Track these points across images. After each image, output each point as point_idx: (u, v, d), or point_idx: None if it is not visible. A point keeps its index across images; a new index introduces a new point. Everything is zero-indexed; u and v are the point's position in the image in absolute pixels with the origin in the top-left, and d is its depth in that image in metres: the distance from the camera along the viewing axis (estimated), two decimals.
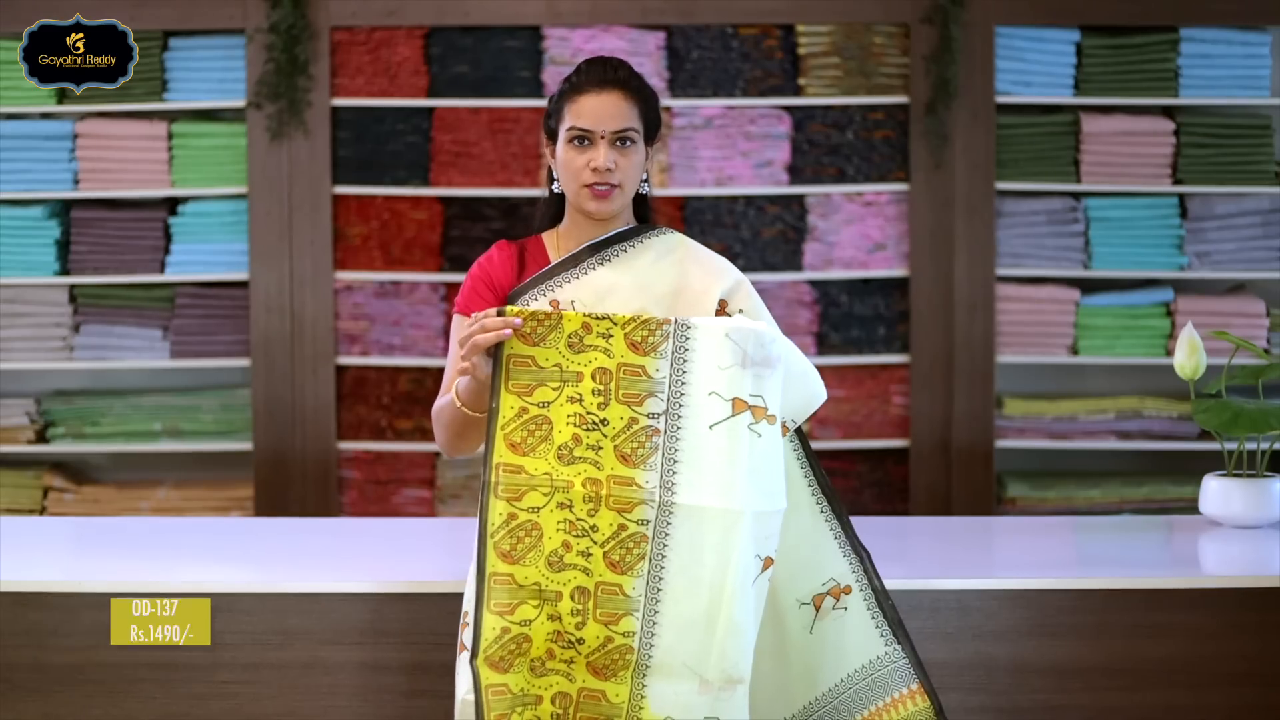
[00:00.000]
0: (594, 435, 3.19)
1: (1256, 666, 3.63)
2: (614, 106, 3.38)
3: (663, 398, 3.20)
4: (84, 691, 3.68)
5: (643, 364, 3.20)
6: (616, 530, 3.17)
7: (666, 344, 3.20)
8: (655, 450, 3.18)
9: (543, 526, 3.17)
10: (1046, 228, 6.25)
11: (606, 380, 3.20)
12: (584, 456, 3.18)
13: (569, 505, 3.17)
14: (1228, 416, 4.07)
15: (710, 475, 3.18)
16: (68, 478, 6.31)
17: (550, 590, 3.16)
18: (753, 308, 3.41)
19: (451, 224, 6.27)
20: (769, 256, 6.24)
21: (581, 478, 3.18)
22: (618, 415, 3.19)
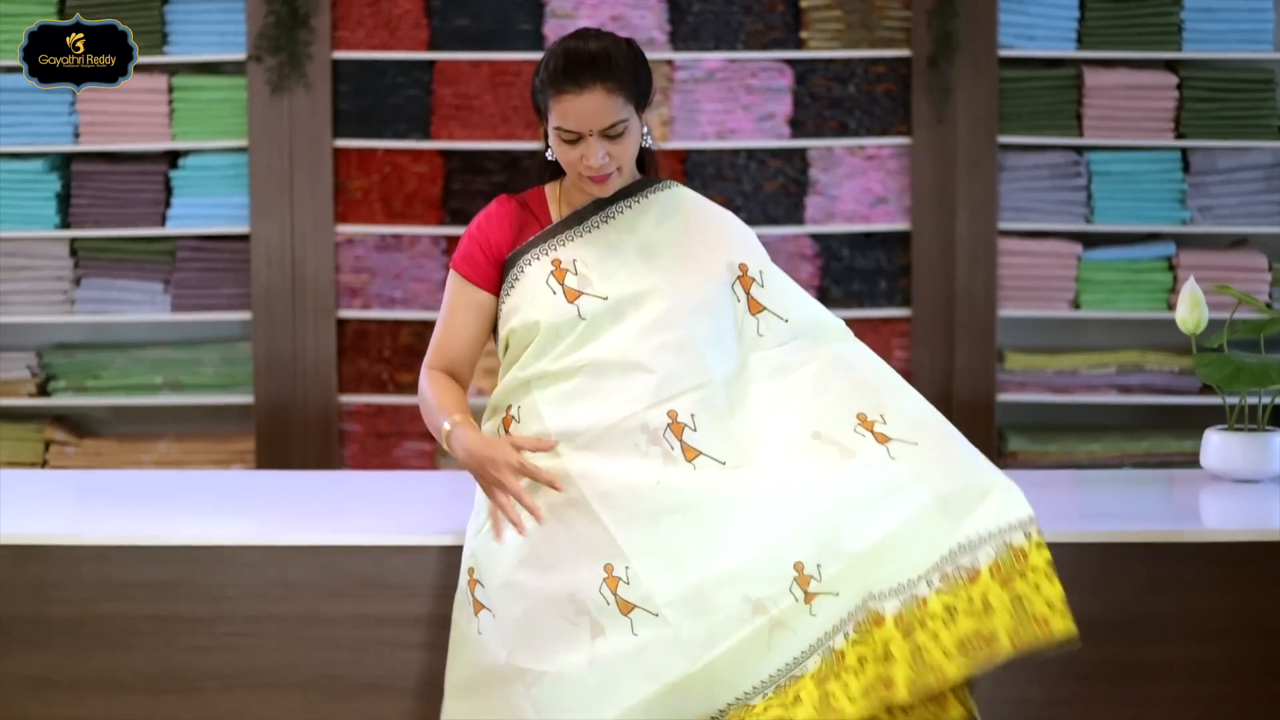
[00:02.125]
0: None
1: (1256, 620, 3.63)
2: (598, 104, 3.27)
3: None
4: (85, 644, 3.68)
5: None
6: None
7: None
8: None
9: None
10: (1048, 182, 6.24)
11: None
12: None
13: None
14: (1229, 371, 4.07)
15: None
16: (69, 431, 6.32)
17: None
18: (767, 265, 3.42)
19: (453, 177, 6.26)
20: (770, 210, 6.23)
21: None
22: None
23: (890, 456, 3.27)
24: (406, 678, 3.65)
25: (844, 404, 3.33)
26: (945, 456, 3.28)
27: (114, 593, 3.67)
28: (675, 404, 3.29)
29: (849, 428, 3.31)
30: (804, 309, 3.44)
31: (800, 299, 3.44)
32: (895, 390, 3.37)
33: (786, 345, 3.38)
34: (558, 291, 3.34)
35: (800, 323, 3.40)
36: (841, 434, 3.30)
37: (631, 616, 3.23)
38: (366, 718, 3.66)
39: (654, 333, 3.32)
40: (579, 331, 3.33)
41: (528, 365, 3.35)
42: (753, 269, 3.39)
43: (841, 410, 3.32)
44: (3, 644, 3.68)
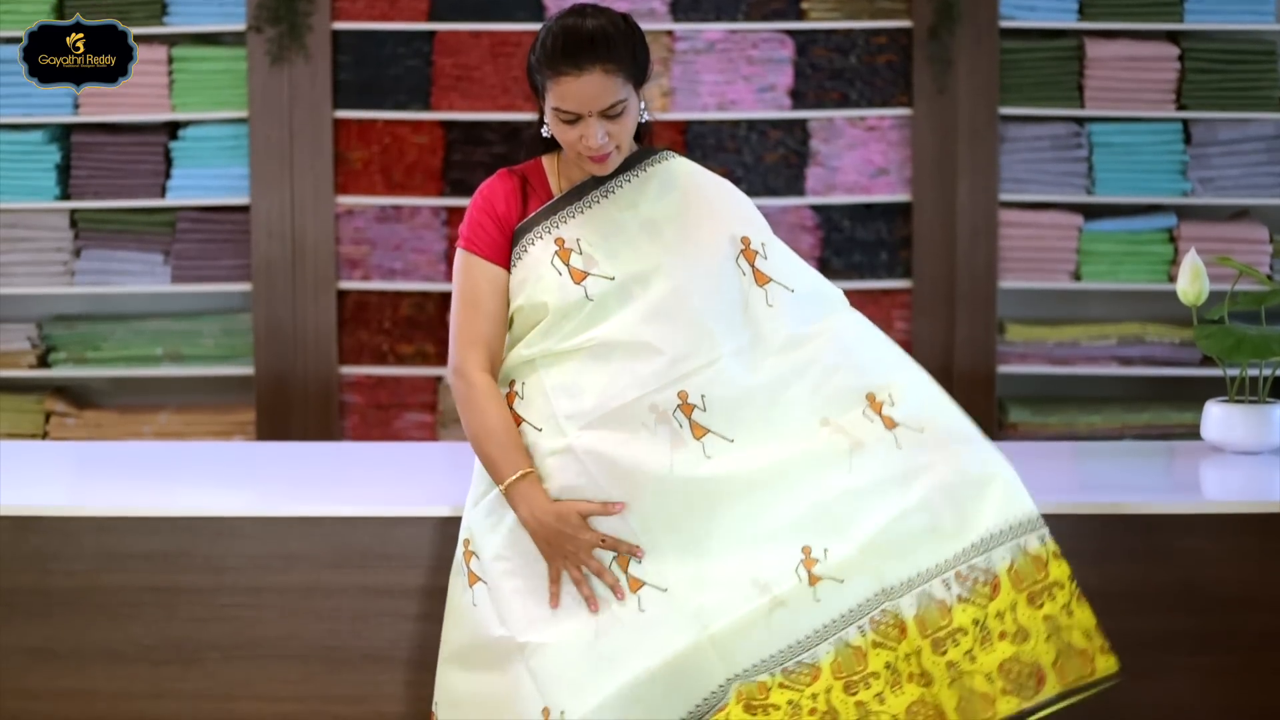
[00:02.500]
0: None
1: (1256, 592, 3.64)
2: (596, 86, 3.22)
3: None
4: (85, 615, 3.69)
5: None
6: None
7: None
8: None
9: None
10: (1050, 153, 6.23)
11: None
12: None
13: None
14: (1230, 342, 4.07)
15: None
16: (69, 402, 6.32)
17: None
18: (769, 236, 3.41)
19: (453, 148, 6.25)
20: (771, 181, 6.22)
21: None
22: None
23: (897, 445, 3.28)
24: (407, 648, 3.65)
25: (854, 382, 3.32)
26: (951, 444, 3.28)
27: (114, 564, 3.68)
28: (685, 384, 3.28)
29: (858, 410, 3.31)
30: (810, 277, 3.43)
31: (802, 269, 3.43)
32: (903, 366, 3.37)
33: (797, 314, 3.37)
34: (563, 272, 3.32)
35: (806, 292, 3.39)
36: (850, 418, 3.30)
37: (640, 594, 3.23)
38: (367, 688, 3.66)
39: (662, 312, 3.30)
40: (586, 312, 3.31)
41: (534, 344, 3.34)
42: (755, 241, 3.37)
43: (851, 390, 3.32)
44: (3, 615, 3.69)
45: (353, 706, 3.68)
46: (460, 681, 3.33)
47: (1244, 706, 3.66)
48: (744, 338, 3.34)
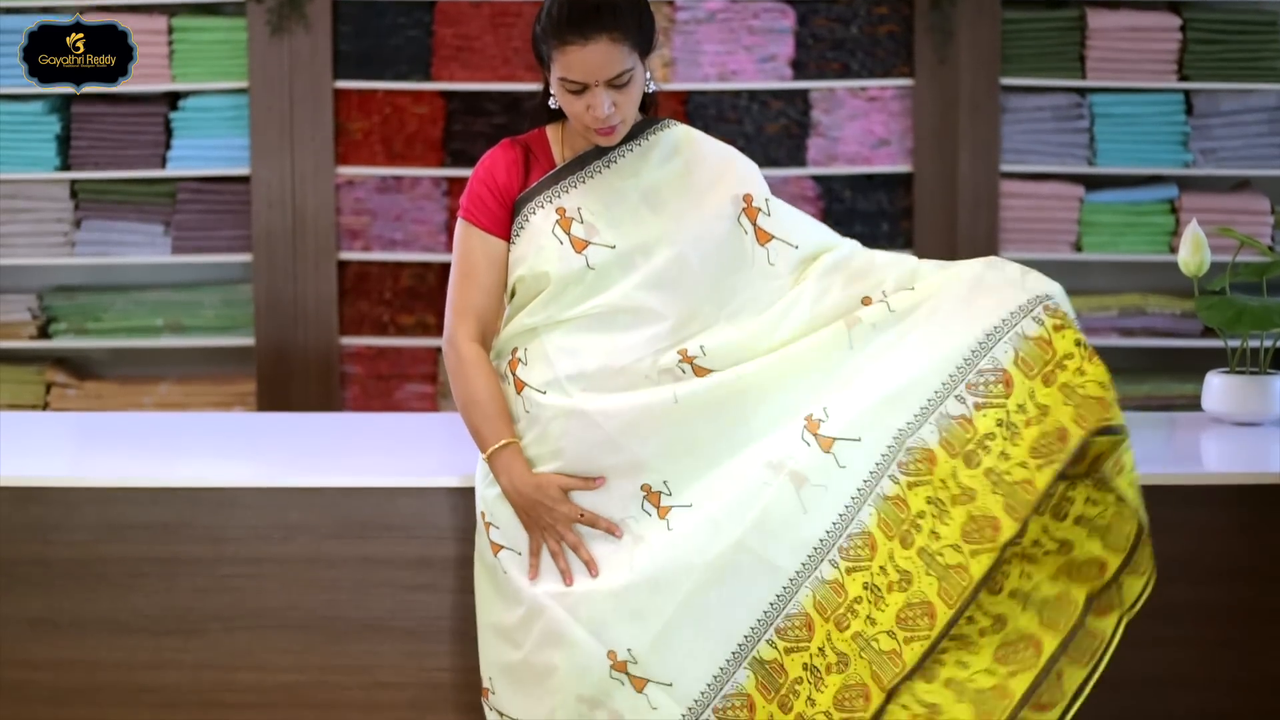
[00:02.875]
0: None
1: (1256, 563, 3.64)
2: (603, 55, 3.20)
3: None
4: (87, 586, 3.69)
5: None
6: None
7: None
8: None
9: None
10: (1051, 124, 6.22)
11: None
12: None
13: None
14: (1231, 314, 4.07)
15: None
16: (70, 373, 6.32)
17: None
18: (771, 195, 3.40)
19: (454, 119, 6.24)
20: (772, 152, 6.21)
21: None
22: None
23: (891, 309, 3.30)
24: (408, 619, 3.66)
25: (846, 293, 3.35)
26: (943, 286, 3.31)
27: (115, 535, 3.68)
28: (685, 344, 3.30)
29: (853, 307, 3.33)
30: (815, 232, 3.42)
31: (807, 225, 3.43)
32: (896, 263, 3.39)
33: (798, 272, 3.37)
34: (564, 241, 3.32)
35: (810, 248, 3.39)
36: (848, 310, 3.33)
37: (668, 518, 3.25)
38: (368, 659, 3.67)
39: (664, 280, 3.31)
40: (588, 281, 3.31)
41: (536, 313, 3.33)
42: (757, 199, 3.37)
43: (845, 298, 3.34)
44: (5, 585, 3.69)
45: (354, 676, 3.68)
46: (510, 652, 3.31)
47: (1245, 678, 3.66)
48: (745, 297, 3.35)
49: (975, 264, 3.35)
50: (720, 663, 3.22)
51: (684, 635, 3.21)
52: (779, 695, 3.22)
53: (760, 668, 3.22)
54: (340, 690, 3.69)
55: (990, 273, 3.31)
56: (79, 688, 3.70)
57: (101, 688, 3.70)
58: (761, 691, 3.22)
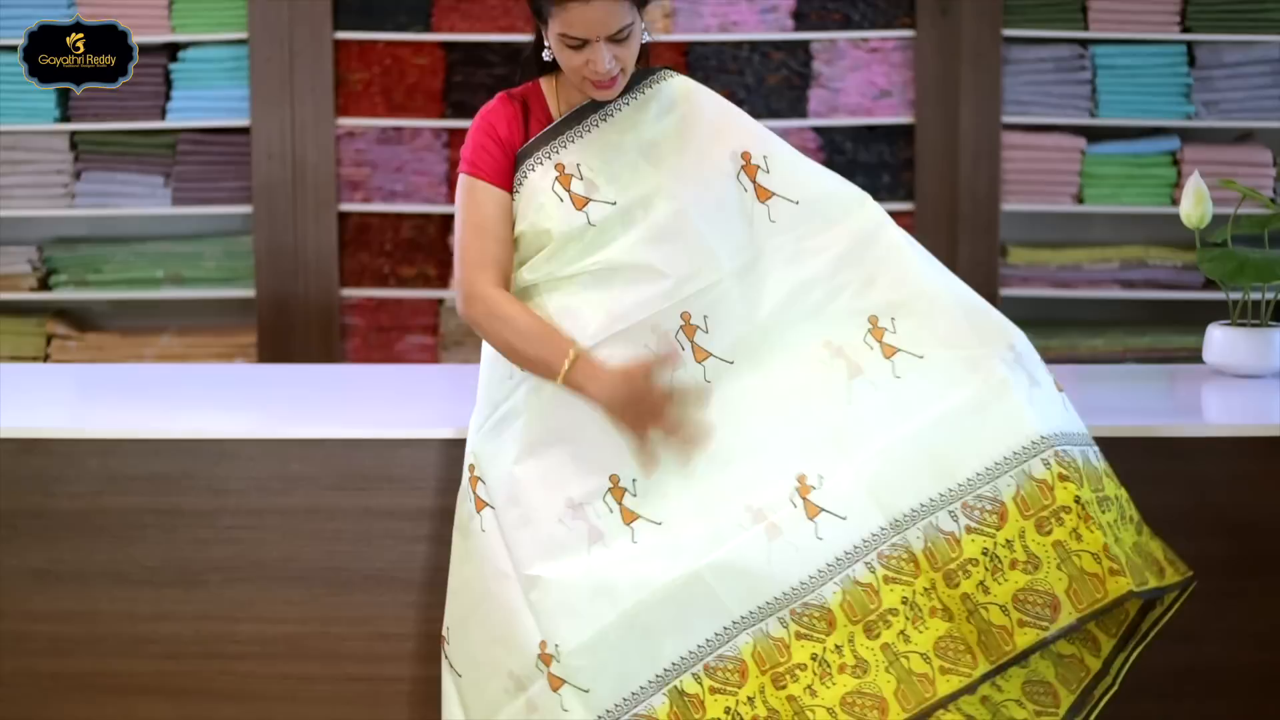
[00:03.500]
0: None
1: (1257, 516, 3.64)
2: (605, 11, 3.15)
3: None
4: (88, 537, 3.69)
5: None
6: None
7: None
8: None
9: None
10: (1053, 75, 6.20)
11: None
12: None
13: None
14: (1233, 266, 4.06)
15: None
16: (71, 325, 6.32)
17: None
18: (772, 148, 3.37)
19: (454, 70, 6.23)
20: (773, 103, 6.20)
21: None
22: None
23: (895, 374, 3.26)
24: (409, 570, 3.66)
25: (857, 303, 3.30)
26: (951, 371, 3.25)
27: (117, 486, 3.68)
28: (688, 305, 3.28)
29: (859, 335, 3.29)
30: (816, 185, 3.38)
31: (811, 175, 3.39)
32: (908, 278, 3.32)
33: (801, 228, 3.34)
34: (565, 199, 3.30)
35: (813, 201, 3.35)
36: (851, 343, 3.29)
37: (634, 526, 3.24)
38: (369, 610, 3.68)
39: (664, 234, 3.28)
40: (589, 238, 3.29)
41: (537, 269, 3.31)
42: (755, 155, 3.35)
43: (854, 312, 3.30)
44: (7, 537, 3.70)
45: (355, 628, 3.69)
46: (466, 607, 3.34)
47: (1246, 630, 3.67)
48: (747, 255, 3.32)
49: (998, 366, 3.25)
50: (641, 682, 3.20)
51: (613, 647, 3.19)
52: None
53: (679, 698, 3.20)
54: (341, 641, 3.69)
55: (1014, 389, 3.23)
56: (80, 639, 3.71)
57: (102, 639, 3.71)
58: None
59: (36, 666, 3.72)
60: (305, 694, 3.71)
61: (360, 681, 3.70)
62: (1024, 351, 3.27)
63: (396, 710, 3.70)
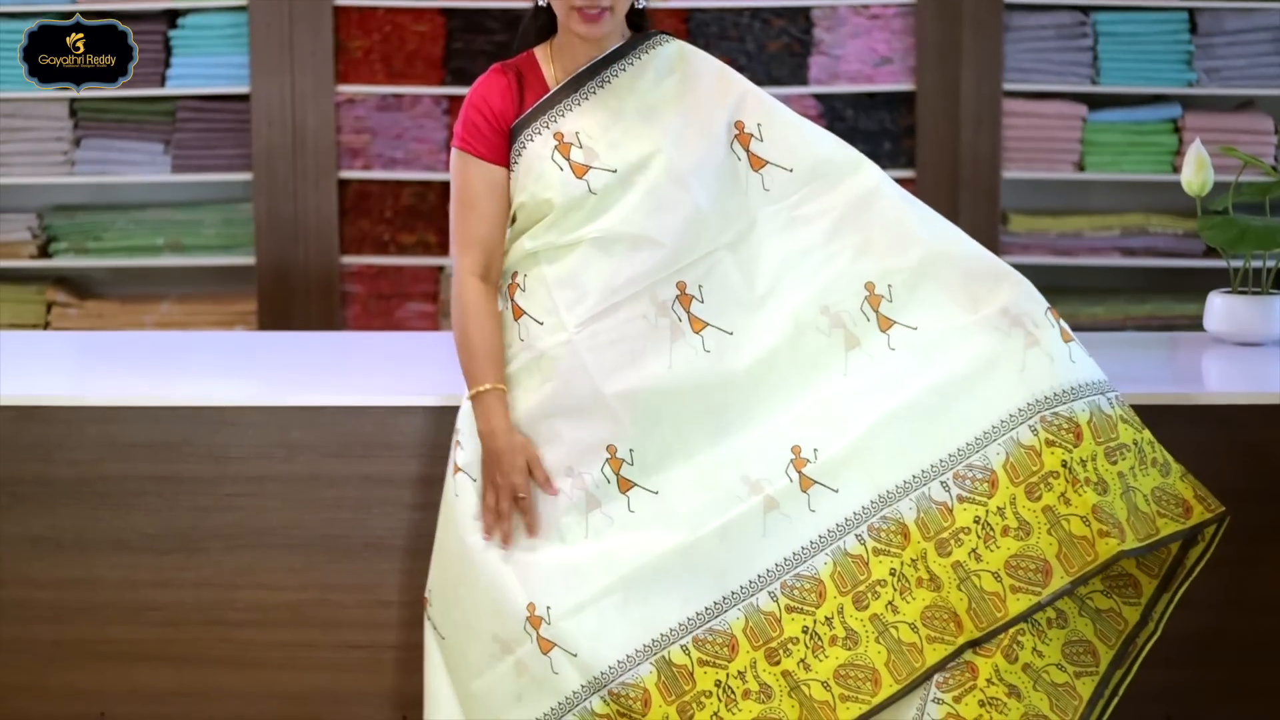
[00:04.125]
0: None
1: (1257, 483, 3.64)
2: None
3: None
4: (89, 504, 3.70)
5: None
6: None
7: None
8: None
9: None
10: (1054, 42, 6.19)
11: None
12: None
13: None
14: (1234, 233, 4.06)
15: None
16: (71, 292, 6.31)
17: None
18: (767, 115, 3.37)
19: (454, 36, 6.21)
20: (774, 70, 6.19)
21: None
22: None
23: (890, 347, 3.27)
24: (408, 537, 3.67)
25: (854, 270, 3.31)
26: (946, 339, 3.26)
27: (117, 453, 3.69)
28: (684, 275, 3.28)
29: (856, 303, 3.29)
30: (811, 151, 3.38)
31: (807, 140, 3.38)
32: (904, 243, 3.33)
33: (796, 195, 3.34)
34: (565, 167, 3.30)
35: (808, 168, 3.35)
36: (849, 310, 3.29)
37: (630, 494, 3.24)
38: (368, 577, 3.68)
39: (661, 201, 3.28)
40: (590, 206, 3.29)
41: (538, 236, 3.31)
42: (749, 124, 3.35)
43: (851, 278, 3.30)
44: (8, 504, 3.70)
45: (354, 595, 3.70)
46: (448, 571, 3.34)
47: (1244, 598, 3.68)
48: (742, 224, 3.33)
49: (988, 335, 3.26)
50: (630, 650, 3.21)
51: (605, 614, 3.21)
52: (680, 700, 3.21)
53: (666, 667, 3.21)
54: (341, 608, 3.70)
55: (1003, 357, 3.24)
56: (81, 606, 3.72)
57: (103, 606, 3.72)
58: (661, 690, 3.21)
59: (37, 633, 3.73)
60: (305, 661, 3.72)
61: (360, 648, 3.71)
62: (1022, 310, 3.27)
63: (396, 676, 3.70)
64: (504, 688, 3.25)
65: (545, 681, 3.21)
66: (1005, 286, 3.29)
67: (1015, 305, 3.27)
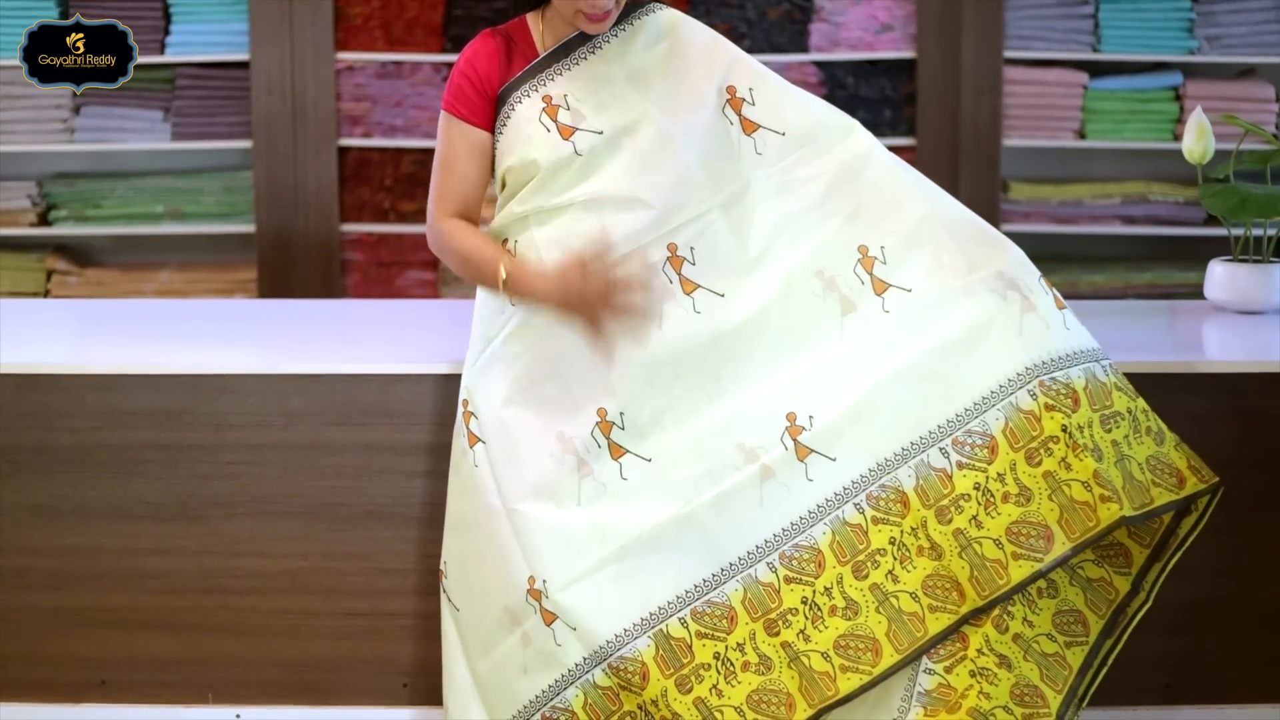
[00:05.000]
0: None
1: (1257, 453, 3.65)
2: None
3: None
4: (89, 472, 3.70)
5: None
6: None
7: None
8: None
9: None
10: (1055, 9, 6.17)
11: None
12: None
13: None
14: (1235, 201, 4.05)
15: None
16: (71, 260, 6.31)
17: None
18: (759, 80, 3.36)
19: (454, 3, 6.20)
20: (774, 37, 6.18)
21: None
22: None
23: (885, 310, 3.25)
24: (409, 505, 3.67)
25: (847, 232, 3.29)
26: (940, 302, 3.24)
27: (118, 421, 3.69)
28: (675, 237, 3.27)
29: (849, 266, 3.28)
30: (803, 115, 3.36)
31: (799, 105, 3.37)
32: (897, 205, 3.31)
33: (788, 159, 3.33)
34: (551, 129, 3.29)
35: (800, 132, 3.34)
36: (843, 274, 3.28)
37: (622, 461, 3.24)
38: (369, 545, 3.69)
39: (651, 164, 3.28)
40: (576, 167, 3.28)
41: (526, 200, 3.31)
42: (741, 89, 3.34)
43: (844, 241, 3.29)
44: (8, 473, 3.70)
45: (355, 563, 3.70)
46: (461, 542, 3.35)
47: (1240, 566, 3.68)
48: (734, 187, 3.32)
49: (984, 297, 3.24)
50: (628, 623, 3.20)
51: (602, 586, 3.20)
52: (678, 674, 3.19)
53: (664, 641, 3.20)
54: (341, 576, 3.71)
55: (1000, 320, 3.22)
56: (81, 574, 3.72)
57: (103, 574, 3.72)
58: (659, 664, 3.20)
59: (37, 601, 3.73)
60: (305, 629, 3.73)
61: (360, 616, 3.72)
62: (1016, 275, 3.25)
63: (396, 645, 3.71)
64: (513, 659, 3.26)
65: (549, 654, 3.21)
66: (999, 251, 3.28)
67: (1009, 270, 3.25)
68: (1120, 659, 3.31)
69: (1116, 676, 3.32)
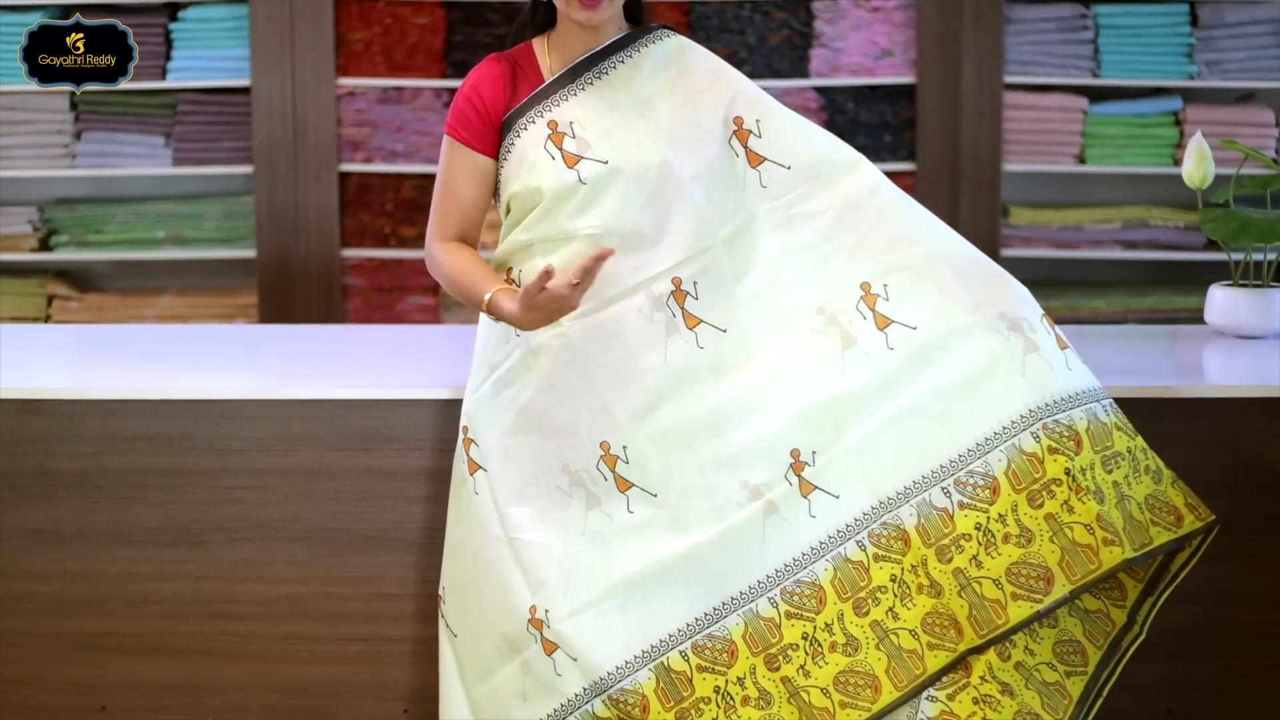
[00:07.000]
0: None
1: (1257, 476, 3.64)
2: None
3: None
4: (90, 498, 3.70)
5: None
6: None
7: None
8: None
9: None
10: (1055, 35, 6.18)
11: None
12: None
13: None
14: (1235, 226, 4.06)
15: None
16: (71, 286, 6.31)
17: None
18: (765, 111, 3.36)
19: (455, 29, 6.21)
20: (775, 63, 6.18)
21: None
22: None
23: (889, 346, 3.25)
24: (410, 530, 3.67)
25: (850, 270, 3.29)
26: (944, 340, 3.24)
27: (118, 447, 3.69)
28: (680, 271, 3.27)
29: (852, 302, 3.28)
30: (809, 149, 3.35)
31: (805, 138, 3.36)
32: (901, 242, 3.30)
33: (793, 193, 3.33)
34: (556, 157, 3.29)
35: (805, 165, 3.33)
36: (844, 310, 3.27)
37: (628, 494, 3.24)
38: (370, 570, 3.68)
39: (656, 196, 3.27)
40: (580, 196, 3.27)
41: (531, 228, 3.31)
42: (748, 120, 3.33)
43: (847, 278, 3.29)
44: (8, 498, 3.70)
45: (356, 588, 3.70)
46: (460, 568, 3.34)
47: (1242, 590, 3.67)
48: (739, 221, 3.31)
49: (987, 337, 3.24)
50: (628, 655, 3.20)
51: (605, 618, 3.20)
52: (678, 707, 3.20)
53: (665, 674, 3.20)
54: (342, 602, 3.70)
55: (1003, 361, 3.22)
56: (82, 599, 3.72)
57: (104, 599, 3.72)
58: (659, 697, 3.20)
59: (38, 626, 3.73)
60: (306, 654, 3.72)
61: (361, 642, 3.71)
62: (1020, 315, 3.25)
63: (397, 670, 3.71)
64: (512, 686, 3.25)
65: (549, 683, 3.21)
66: (1002, 290, 3.28)
67: (1013, 309, 3.26)
68: (1121, 685, 3.31)
69: (1118, 702, 3.32)
